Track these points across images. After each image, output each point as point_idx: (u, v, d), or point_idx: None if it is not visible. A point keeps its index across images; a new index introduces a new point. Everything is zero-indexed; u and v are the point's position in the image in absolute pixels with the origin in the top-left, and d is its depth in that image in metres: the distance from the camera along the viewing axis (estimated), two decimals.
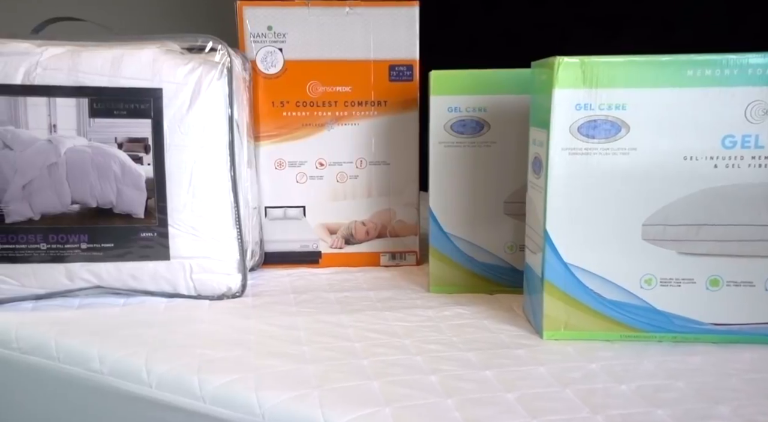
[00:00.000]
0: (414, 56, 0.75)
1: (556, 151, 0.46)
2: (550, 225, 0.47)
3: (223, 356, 0.46)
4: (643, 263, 0.47)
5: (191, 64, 0.58)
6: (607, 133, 0.45)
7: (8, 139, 0.55)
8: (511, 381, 0.42)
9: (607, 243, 0.47)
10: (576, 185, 0.46)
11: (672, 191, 0.45)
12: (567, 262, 0.47)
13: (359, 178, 0.77)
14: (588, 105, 0.45)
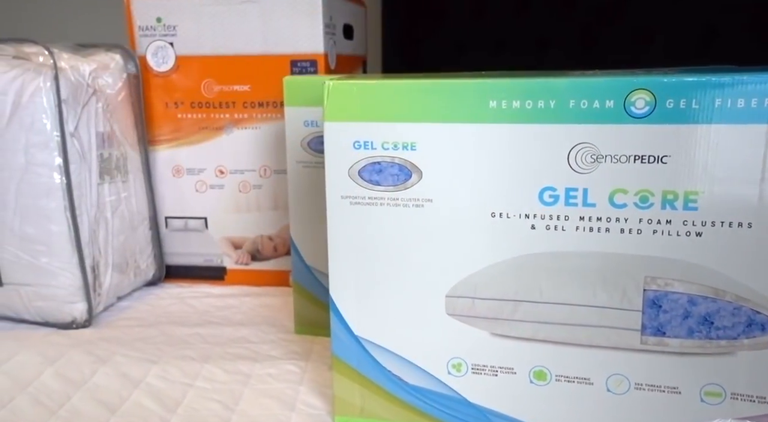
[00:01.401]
0: (318, 49, 0.67)
1: (334, 199, 0.37)
2: (335, 289, 0.39)
3: None
4: (450, 343, 0.38)
5: (13, 71, 0.54)
6: (395, 179, 0.36)
7: None
8: None
9: (405, 316, 0.38)
10: (362, 242, 0.37)
11: (480, 256, 0.36)
12: (358, 336, 0.39)
13: (264, 187, 0.71)
14: (369, 143, 0.36)
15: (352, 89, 0.36)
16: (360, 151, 0.37)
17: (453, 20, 0.98)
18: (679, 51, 0.91)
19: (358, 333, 0.40)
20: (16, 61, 0.56)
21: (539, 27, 0.96)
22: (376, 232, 0.38)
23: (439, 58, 0.99)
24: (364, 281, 0.39)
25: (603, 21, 0.94)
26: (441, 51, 1.01)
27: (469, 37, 1.00)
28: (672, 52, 0.92)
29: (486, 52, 0.98)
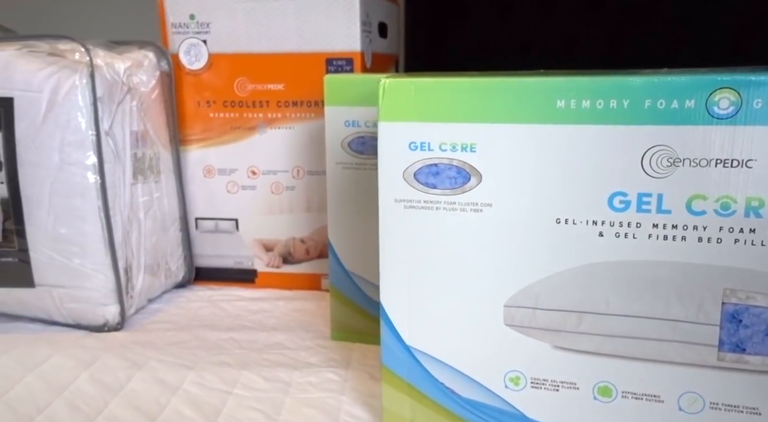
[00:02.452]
0: (355, 48, 0.66)
1: (388, 203, 0.36)
2: (386, 296, 0.37)
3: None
4: (508, 356, 0.36)
5: (49, 68, 0.53)
6: (453, 181, 0.35)
7: None
8: None
9: (460, 326, 0.36)
10: (416, 247, 0.36)
11: (542, 264, 0.34)
12: (410, 346, 0.38)
13: (296, 189, 0.70)
14: (425, 144, 0.34)
15: (409, 88, 0.34)
16: (416, 153, 0.35)
17: (478, 20, 0.97)
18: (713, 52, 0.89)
19: (409, 342, 0.38)
20: (52, 58, 0.56)
21: (567, 28, 0.94)
22: (430, 238, 0.36)
23: (462, 59, 0.98)
24: (416, 289, 0.37)
25: (633, 21, 0.91)
26: (465, 51, 0.99)
27: (495, 38, 0.98)
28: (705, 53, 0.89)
29: (511, 53, 0.96)
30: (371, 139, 0.53)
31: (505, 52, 0.96)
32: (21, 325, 0.60)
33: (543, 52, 0.95)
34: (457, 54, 0.99)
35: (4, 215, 0.56)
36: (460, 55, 0.99)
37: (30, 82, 0.54)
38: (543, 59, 0.93)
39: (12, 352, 0.54)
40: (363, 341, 0.57)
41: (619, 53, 0.93)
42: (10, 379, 0.48)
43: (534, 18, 0.94)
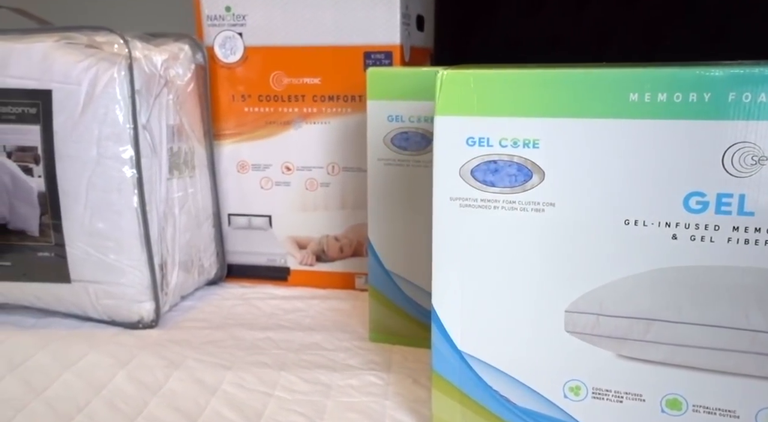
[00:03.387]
0: (394, 41, 0.64)
1: (442, 201, 0.34)
2: (438, 299, 0.36)
3: None
4: (568, 364, 0.34)
5: (87, 60, 0.52)
6: (513, 179, 0.33)
7: None
8: None
9: (517, 332, 0.35)
10: (471, 248, 0.34)
11: (608, 268, 0.32)
12: (462, 351, 0.36)
13: (331, 186, 0.69)
14: (484, 140, 0.33)
15: (469, 80, 0.33)
16: (474, 149, 0.33)
17: (507, 14, 0.94)
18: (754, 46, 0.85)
19: (462, 348, 0.37)
20: (90, 50, 0.55)
21: (599, 22, 0.91)
22: (487, 238, 0.34)
23: (490, 54, 0.95)
24: (471, 291, 0.36)
25: (670, 15, 0.88)
26: (493, 46, 0.97)
27: (524, 33, 0.95)
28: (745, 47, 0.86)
29: (541, 49, 0.93)
30: (415, 134, 0.52)
31: (533, 46, 0.94)
32: (56, 321, 0.60)
33: (572, 47, 0.93)
34: (484, 49, 0.97)
35: (41, 209, 0.55)
36: (487, 49, 0.97)
37: (68, 74, 0.53)
38: (572, 54, 0.91)
39: (49, 348, 0.53)
40: (402, 343, 0.56)
41: (653, 48, 0.90)
42: (48, 376, 0.48)
43: (563, 12, 0.91)
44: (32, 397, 0.44)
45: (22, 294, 0.58)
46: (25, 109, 0.53)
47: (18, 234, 0.56)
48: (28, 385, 0.46)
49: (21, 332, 0.56)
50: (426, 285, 0.54)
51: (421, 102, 0.50)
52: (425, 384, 0.47)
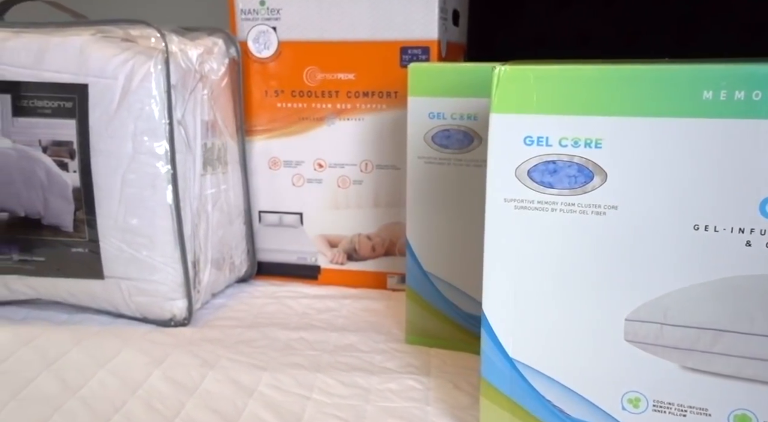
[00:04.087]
0: (432, 36, 0.63)
1: (496, 202, 0.33)
2: (489, 305, 0.34)
3: None
4: (628, 374, 0.33)
5: (124, 54, 0.52)
6: (573, 181, 0.31)
7: None
8: None
9: (573, 340, 0.33)
10: (526, 251, 0.33)
11: (673, 275, 0.31)
12: (513, 359, 0.35)
13: (364, 183, 0.68)
14: (543, 139, 0.31)
15: (528, 76, 0.31)
16: (532, 148, 0.32)
17: (534, 11, 0.92)
18: None
19: (513, 355, 0.35)
20: (125, 43, 0.54)
21: (628, 19, 0.88)
22: (544, 241, 0.33)
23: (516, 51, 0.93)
24: (524, 296, 0.34)
25: (702, 11, 0.85)
26: (518, 43, 0.95)
27: (551, 29, 0.93)
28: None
29: (567, 46, 0.91)
30: (457, 132, 0.50)
31: (560, 43, 0.92)
32: (88, 317, 0.59)
33: (601, 43, 0.90)
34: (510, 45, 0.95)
35: (75, 205, 0.55)
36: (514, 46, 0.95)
37: (104, 68, 0.53)
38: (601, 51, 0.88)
39: (82, 345, 0.53)
40: (440, 346, 0.54)
41: (685, 44, 0.87)
42: (83, 374, 0.47)
43: (591, 8, 0.89)
44: (69, 395, 0.44)
45: (56, 290, 0.58)
46: (61, 103, 0.53)
47: (52, 229, 0.55)
48: (64, 383, 0.46)
49: (54, 328, 0.56)
50: (466, 287, 0.53)
51: (465, 99, 0.49)
52: (467, 390, 0.46)
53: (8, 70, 0.53)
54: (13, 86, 0.53)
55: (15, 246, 0.56)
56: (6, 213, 0.55)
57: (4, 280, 0.58)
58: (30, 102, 0.53)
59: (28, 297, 0.59)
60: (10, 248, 0.56)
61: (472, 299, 0.53)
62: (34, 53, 0.53)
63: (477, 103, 0.48)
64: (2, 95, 0.53)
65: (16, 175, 0.54)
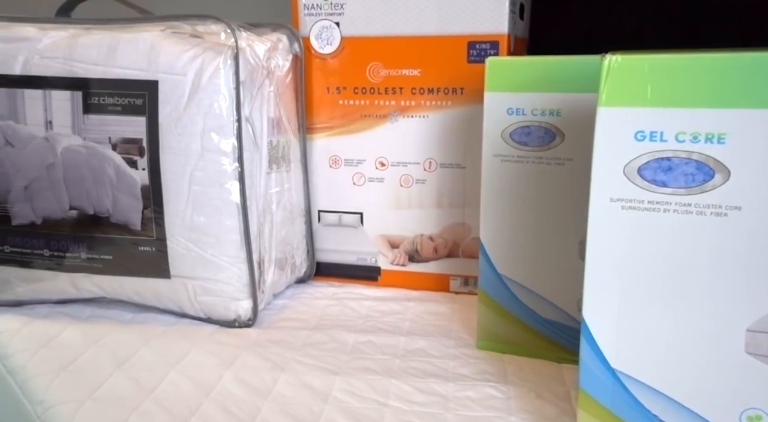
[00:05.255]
0: (502, 30, 0.61)
1: (601, 202, 0.31)
2: (590, 312, 0.33)
3: None
4: (748, 390, 0.31)
5: (193, 50, 0.52)
6: (689, 179, 0.29)
7: (9, 135, 0.54)
8: None
9: (684, 350, 0.31)
10: (633, 255, 0.31)
11: None
12: (616, 369, 0.33)
13: (427, 182, 0.66)
14: (657, 134, 0.29)
15: (642, 66, 0.29)
16: (643, 144, 0.30)
17: (584, 4, 0.89)
18: None
19: (615, 366, 0.33)
20: (194, 39, 0.54)
21: (687, 13, 0.84)
22: (654, 245, 0.31)
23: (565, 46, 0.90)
24: (630, 303, 0.32)
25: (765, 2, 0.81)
26: (568, 38, 0.92)
27: (602, 24, 0.90)
28: None
29: (619, 41, 0.88)
30: (538, 128, 0.48)
31: (612, 38, 0.89)
32: (152, 316, 0.59)
33: (655, 38, 0.87)
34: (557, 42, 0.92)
35: (143, 203, 0.55)
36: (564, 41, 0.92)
37: (174, 64, 0.52)
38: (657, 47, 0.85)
39: (150, 344, 0.53)
40: (514, 352, 0.53)
41: (747, 38, 0.83)
42: (155, 375, 0.47)
43: (646, 1, 0.86)
44: (143, 396, 0.44)
45: (122, 289, 0.58)
46: (132, 100, 0.53)
47: (120, 227, 0.56)
48: (138, 383, 0.46)
49: (121, 327, 0.56)
50: (544, 291, 0.51)
51: (547, 94, 0.47)
52: (550, 400, 0.44)
53: (80, 67, 0.53)
54: (85, 83, 0.53)
55: (83, 244, 0.56)
56: (75, 210, 0.56)
57: (71, 278, 0.58)
58: (101, 99, 0.53)
59: (94, 296, 0.59)
60: (79, 246, 0.56)
61: (550, 303, 0.51)
62: (105, 50, 0.53)
63: (561, 98, 0.46)
64: (74, 92, 0.53)
65: (86, 173, 0.55)
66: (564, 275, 0.49)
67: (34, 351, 0.50)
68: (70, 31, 0.55)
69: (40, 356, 0.50)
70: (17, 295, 0.59)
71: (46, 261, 0.57)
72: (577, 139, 0.47)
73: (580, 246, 0.48)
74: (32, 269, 0.57)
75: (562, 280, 0.49)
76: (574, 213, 0.48)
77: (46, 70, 0.53)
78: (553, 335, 0.51)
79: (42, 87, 0.53)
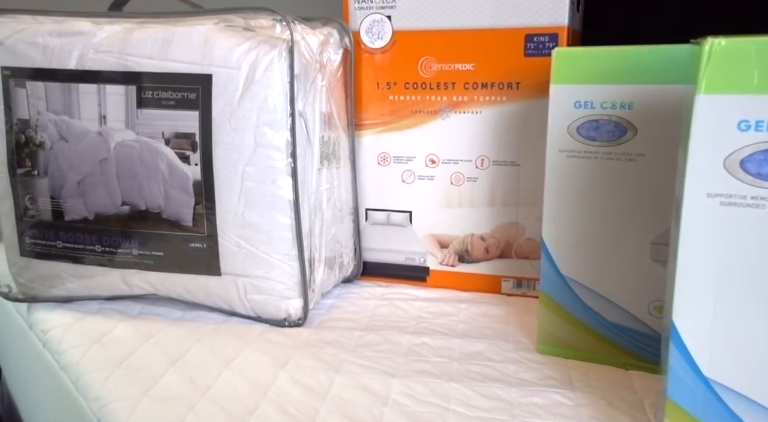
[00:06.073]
0: (562, 22, 0.59)
1: (697, 198, 0.29)
2: (680, 316, 0.31)
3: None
4: None
5: (247, 43, 0.51)
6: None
7: (63, 130, 0.54)
8: None
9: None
10: (732, 256, 0.29)
11: None
12: (709, 378, 0.31)
13: (479, 181, 0.65)
14: (763, 123, 0.27)
15: (749, 50, 0.27)
16: (748, 134, 0.28)
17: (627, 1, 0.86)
18: None
19: (709, 374, 0.31)
20: (248, 32, 0.53)
21: (734, 10, 0.80)
22: (755, 244, 0.29)
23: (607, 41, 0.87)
24: (726, 306, 0.30)
25: None
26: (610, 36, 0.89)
27: (645, 22, 0.86)
28: None
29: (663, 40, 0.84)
30: (607, 122, 0.46)
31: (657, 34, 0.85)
32: (202, 314, 0.59)
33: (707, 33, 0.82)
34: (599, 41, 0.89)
35: (195, 198, 0.54)
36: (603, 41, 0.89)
37: (228, 58, 0.52)
38: None
39: (202, 343, 0.52)
40: (578, 358, 0.50)
41: None
42: (209, 373, 0.46)
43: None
44: (199, 395, 0.43)
45: (172, 286, 0.58)
46: (185, 94, 0.52)
47: (171, 223, 0.55)
48: (193, 382, 0.45)
49: (171, 324, 0.56)
50: (611, 293, 0.48)
51: (619, 86, 0.45)
52: (623, 409, 0.42)
53: (134, 61, 0.53)
54: (139, 77, 0.53)
55: (135, 240, 0.56)
56: (127, 206, 0.55)
57: (122, 274, 0.58)
58: (155, 93, 0.53)
59: (144, 292, 0.59)
60: (130, 242, 0.56)
61: (617, 307, 0.48)
62: (159, 43, 0.52)
63: (634, 90, 0.44)
64: (128, 86, 0.53)
65: (139, 168, 0.54)
66: (634, 277, 0.47)
67: (87, 348, 0.50)
68: (125, 25, 0.54)
69: (93, 352, 0.49)
70: (68, 291, 0.59)
71: (98, 257, 0.57)
72: (650, 133, 0.45)
73: (653, 247, 0.46)
74: (84, 265, 0.57)
75: (631, 282, 0.47)
76: (646, 212, 0.45)
77: (100, 65, 0.53)
78: (620, 340, 0.48)
79: (96, 81, 0.53)
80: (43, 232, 0.57)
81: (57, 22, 0.54)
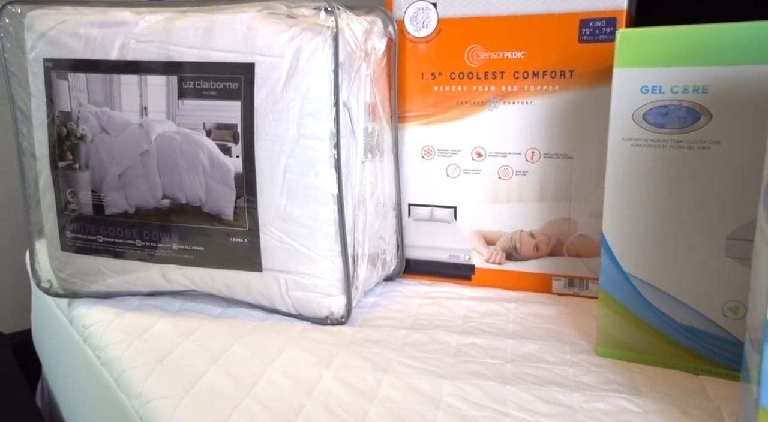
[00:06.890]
0: (620, 5, 0.56)
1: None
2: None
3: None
4: None
5: (291, 30, 0.49)
6: None
7: (105, 122, 0.53)
8: None
9: None
10: None
11: None
12: None
13: (529, 174, 0.62)
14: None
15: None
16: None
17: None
18: None
19: None
20: (291, 20, 0.52)
21: None
22: None
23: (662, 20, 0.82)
24: None
25: None
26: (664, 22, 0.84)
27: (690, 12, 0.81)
28: None
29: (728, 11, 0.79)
30: (678, 108, 0.43)
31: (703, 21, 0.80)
32: (242, 311, 0.57)
33: None
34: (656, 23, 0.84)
35: (237, 192, 0.52)
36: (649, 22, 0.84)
37: (272, 46, 0.50)
38: None
39: (243, 340, 0.50)
40: (641, 361, 0.47)
41: None
42: (252, 371, 0.45)
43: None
44: (243, 394, 0.41)
45: (212, 282, 0.56)
46: (227, 84, 0.51)
47: (212, 217, 0.54)
48: (236, 380, 0.43)
49: (211, 321, 0.54)
50: (679, 292, 0.45)
51: (692, 68, 0.42)
52: (699, 417, 0.39)
53: (176, 51, 0.52)
54: (180, 67, 0.52)
55: (175, 234, 0.55)
56: (168, 199, 0.54)
57: (162, 269, 0.57)
58: (196, 83, 0.51)
59: (184, 288, 0.58)
60: (170, 236, 0.55)
61: (687, 307, 0.45)
62: (201, 32, 0.51)
63: (708, 73, 0.41)
64: (170, 76, 0.52)
65: (180, 160, 0.53)
66: (706, 275, 0.43)
67: (128, 344, 0.49)
68: (166, 14, 0.53)
69: (134, 348, 0.48)
70: (108, 286, 0.58)
71: (138, 251, 0.56)
72: (727, 119, 0.41)
73: (728, 243, 0.42)
74: (124, 260, 0.56)
75: (703, 281, 0.43)
76: (721, 205, 0.42)
77: (142, 55, 0.52)
78: (690, 343, 0.45)
79: (138, 72, 0.52)
80: (84, 226, 0.56)
81: (99, 13, 0.54)
